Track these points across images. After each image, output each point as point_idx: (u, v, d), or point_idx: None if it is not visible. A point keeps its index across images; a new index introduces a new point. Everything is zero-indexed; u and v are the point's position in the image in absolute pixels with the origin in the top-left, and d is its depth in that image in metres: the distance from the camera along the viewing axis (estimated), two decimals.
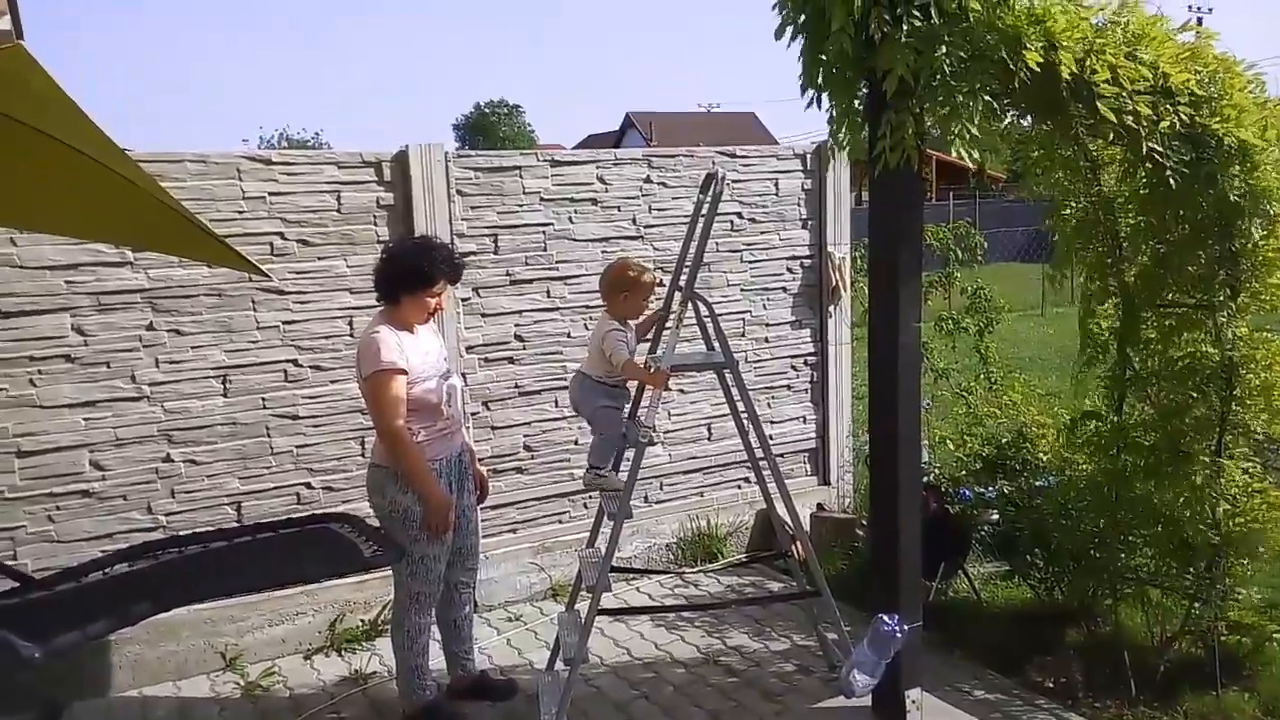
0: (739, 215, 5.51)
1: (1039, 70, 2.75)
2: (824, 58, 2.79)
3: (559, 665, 3.97)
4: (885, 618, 3.19)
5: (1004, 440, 4.82)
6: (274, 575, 3.51)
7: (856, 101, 2.99)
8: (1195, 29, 3.20)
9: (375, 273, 3.66)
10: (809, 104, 2.99)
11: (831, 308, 5.80)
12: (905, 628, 3.18)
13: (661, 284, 4.91)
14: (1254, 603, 3.92)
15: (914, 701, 3.38)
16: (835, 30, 2.62)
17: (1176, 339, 3.70)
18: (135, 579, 3.32)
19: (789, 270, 5.72)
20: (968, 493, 4.83)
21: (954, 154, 2.84)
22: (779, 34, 2.93)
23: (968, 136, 2.72)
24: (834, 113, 2.96)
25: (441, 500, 3.54)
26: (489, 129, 61.19)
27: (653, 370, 3.62)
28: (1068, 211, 3.99)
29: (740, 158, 5.54)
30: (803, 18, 2.86)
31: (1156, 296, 3.70)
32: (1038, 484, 4.54)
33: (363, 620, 4.65)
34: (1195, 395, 3.67)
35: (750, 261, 5.59)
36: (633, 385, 3.95)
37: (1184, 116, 3.09)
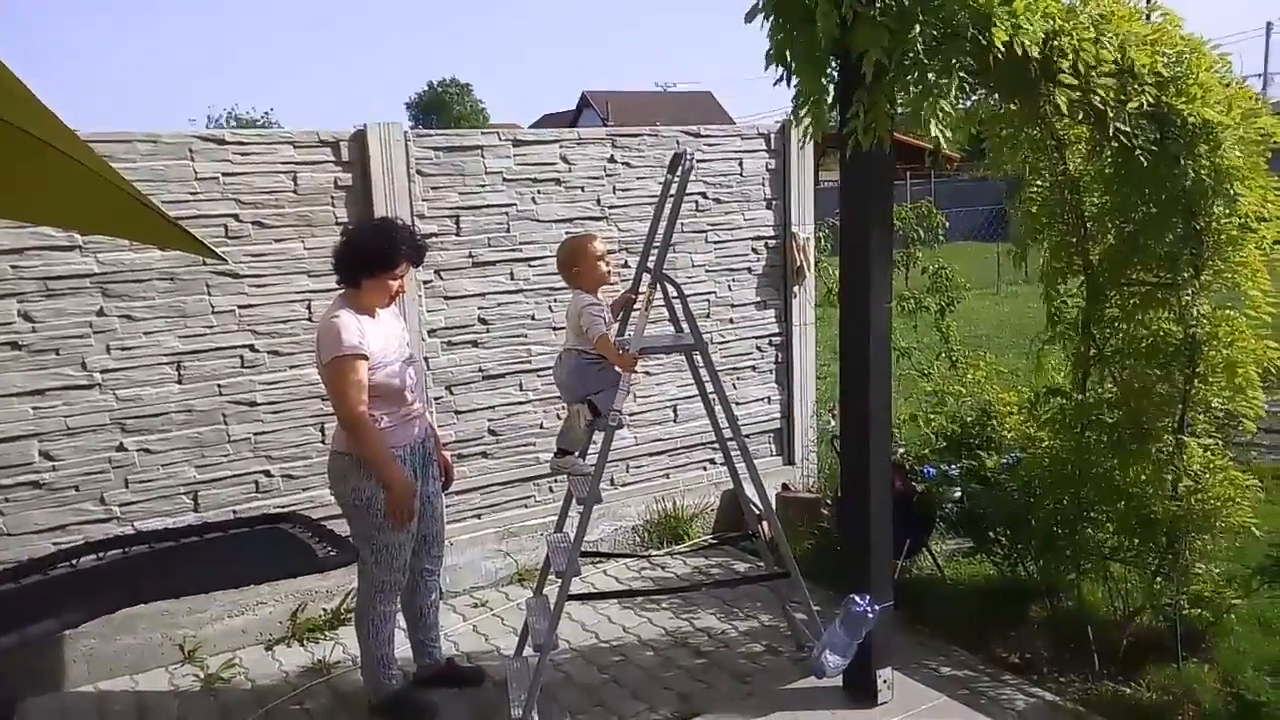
0: (703, 195, 5.47)
1: (1006, 50, 2.74)
2: (795, 35, 2.75)
3: (527, 651, 3.94)
4: (857, 598, 3.20)
5: (968, 419, 4.85)
6: (224, 577, 3.42)
7: (825, 80, 2.96)
8: (1162, 10, 3.21)
9: (335, 256, 3.57)
10: (776, 81, 2.95)
11: (796, 288, 5.80)
12: (877, 607, 3.19)
13: (627, 265, 4.89)
14: (1213, 576, 3.99)
15: (885, 681, 3.39)
16: (818, 9, 2.58)
17: (1140, 317, 3.73)
18: (78, 580, 3.22)
19: (754, 251, 5.70)
20: (931, 470, 4.86)
21: (924, 134, 2.82)
22: (750, 17, 2.89)
23: (940, 115, 2.69)
24: (802, 91, 2.92)
25: (405, 487, 3.48)
26: (443, 107, 60.52)
27: (621, 353, 3.57)
28: (1033, 191, 4.01)
29: (704, 137, 5.49)
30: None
31: (1121, 275, 3.73)
32: (1002, 461, 4.57)
33: (325, 609, 4.57)
34: (1159, 373, 3.71)
35: (715, 242, 5.56)
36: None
37: (1150, 97, 3.09)
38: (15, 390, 3.95)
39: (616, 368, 3.60)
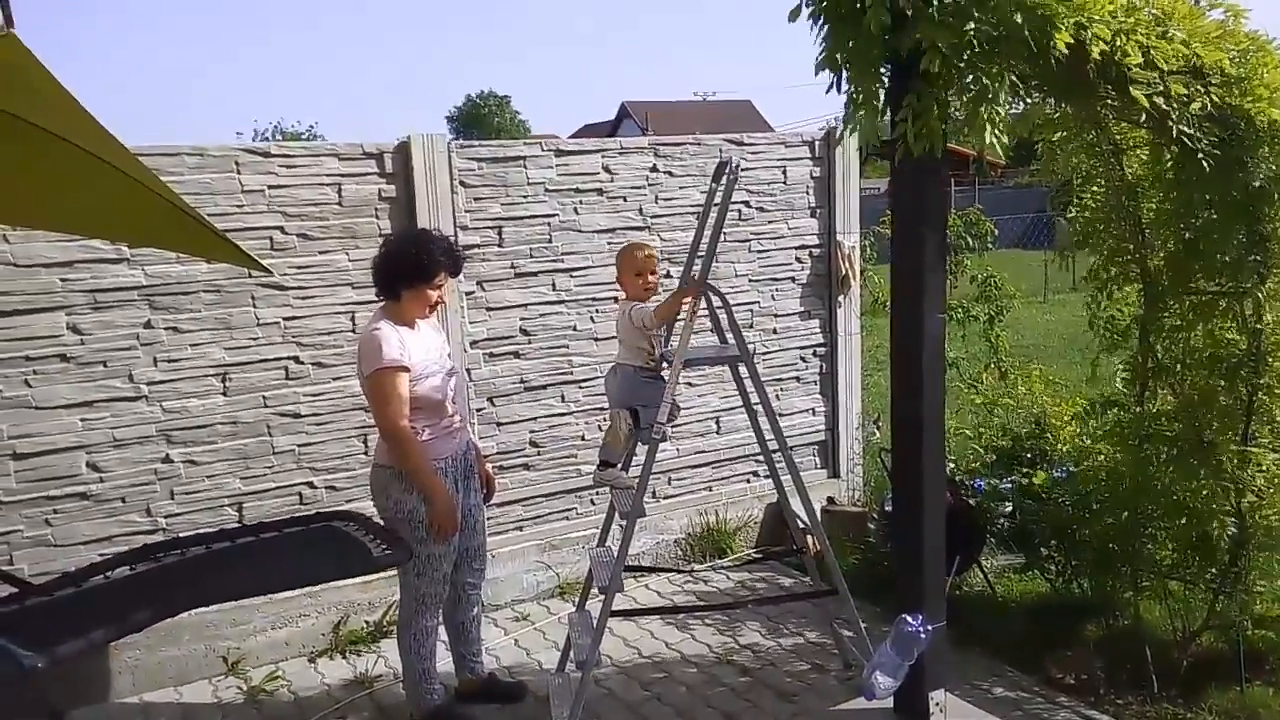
0: (746, 204, 5.41)
1: (1068, 51, 2.65)
2: (846, 37, 2.68)
3: (570, 667, 3.89)
4: (909, 618, 3.10)
5: (1021, 431, 4.73)
6: (283, 576, 3.42)
7: (877, 85, 2.88)
8: (1225, 5, 3.09)
9: (373, 268, 3.57)
10: (829, 88, 2.87)
11: (841, 297, 5.71)
12: (930, 628, 3.09)
13: (670, 275, 4.84)
14: (1278, 595, 3.84)
15: (937, 703, 3.29)
16: (872, 5, 2.51)
17: (1202, 326, 3.60)
18: (138, 583, 3.23)
19: (798, 260, 5.62)
20: (982, 484, 4.75)
21: (977, 141, 2.74)
22: (794, 16, 2.82)
23: (996, 119, 2.61)
24: (855, 95, 2.85)
25: (446, 501, 3.45)
26: (482, 120, 60.90)
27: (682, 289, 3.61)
28: (1087, 196, 3.90)
29: (747, 145, 5.43)
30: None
31: (1181, 283, 3.60)
32: (1055, 475, 4.46)
33: (367, 622, 4.56)
34: (1221, 384, 3.59)
35: (759, 251, 5.49)
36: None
37: (1215, 97, 2.99)
38: (64, 402, 3.99)
39: (683, 305, 3.62)
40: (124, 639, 3.61)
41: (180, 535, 3.94)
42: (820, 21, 2.73)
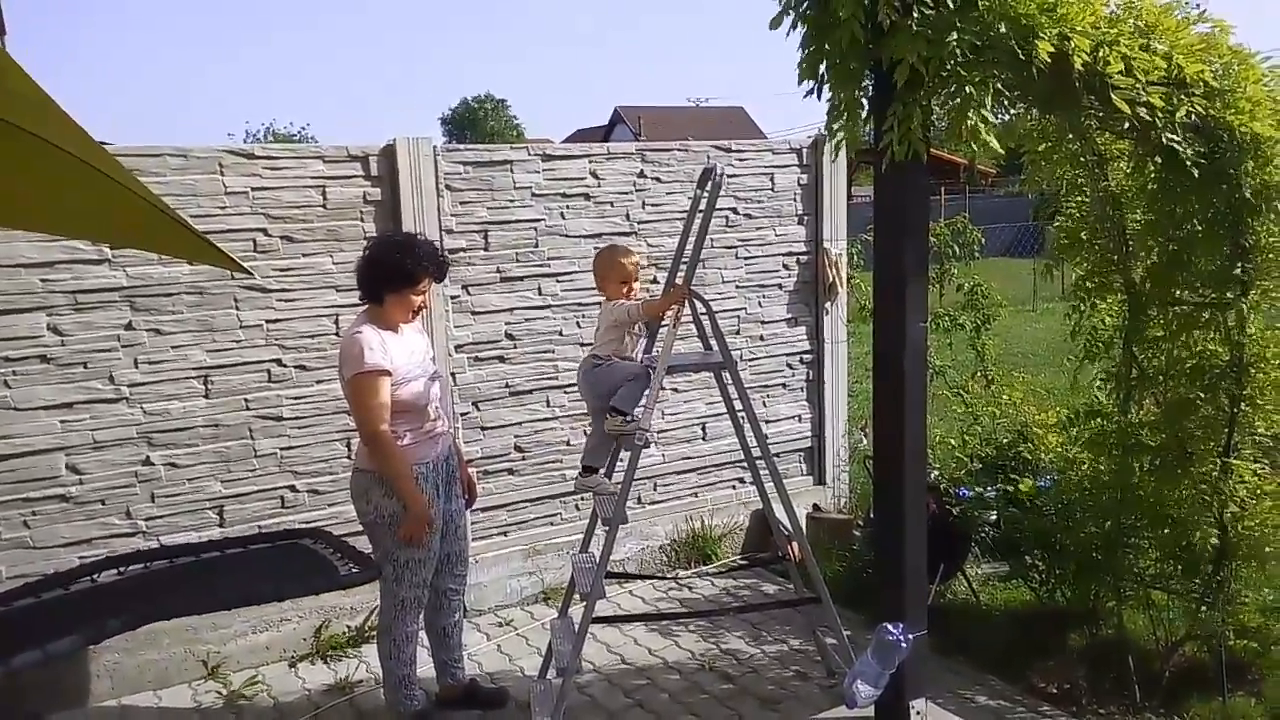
0: (734, 211, 5.41)
1: (1051, 61, 2.65)
2: (827, 47, 2.68)
3: (551, 674, 3.87)
4: (890, 626, 3.10)
5: (1004, 440, 4.74)
6: (248, 594, 3.39)
7: (859, 92, 2.89)
8: (1210, 19, 3.10)
9: (357, 272, 3.55)
10: (808, 94, 2.88)
11: (828, 304, 5.71)
12: (910, 636, 3.09)
13: (656, 281, 4.83)
14: (1261, 605, 3.85)
15: (918, 712, 3.29)
16: (845, 18, 2.51)
17: (1185, 337, 3.61)
18: (103, 595, 3.21)
19: (785, 266, 5.62)
20: (966, 492, 4.75)
21: (961, 148, 2.75)
22: (776, 23, 2.82)
23: (980, 127, 2.62)
24: (836, 104, 2.85)
25: (422, 508, 3.42)
26: (477, 123, 60.84)
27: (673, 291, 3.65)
28: (1072, 207, 3.91)
29: (735, 152, 5.43)
30: (804, 5, 2.75)
31: (1164, 293, 3.61)
32: (1039, 484, 4.46)
33: (349, 626, 4.54)
34: (1204, 395, 3.59)
35: (746, 258, 5.49)
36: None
37: (1198, 108, 2.99)
38: (43, 403, 3.96)
39: (666, 314, 3.67)
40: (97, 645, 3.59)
41: (143, 550, 3.90)
42: (801, 30, 2.73)
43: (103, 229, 3.49)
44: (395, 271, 3.46)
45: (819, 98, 2.88)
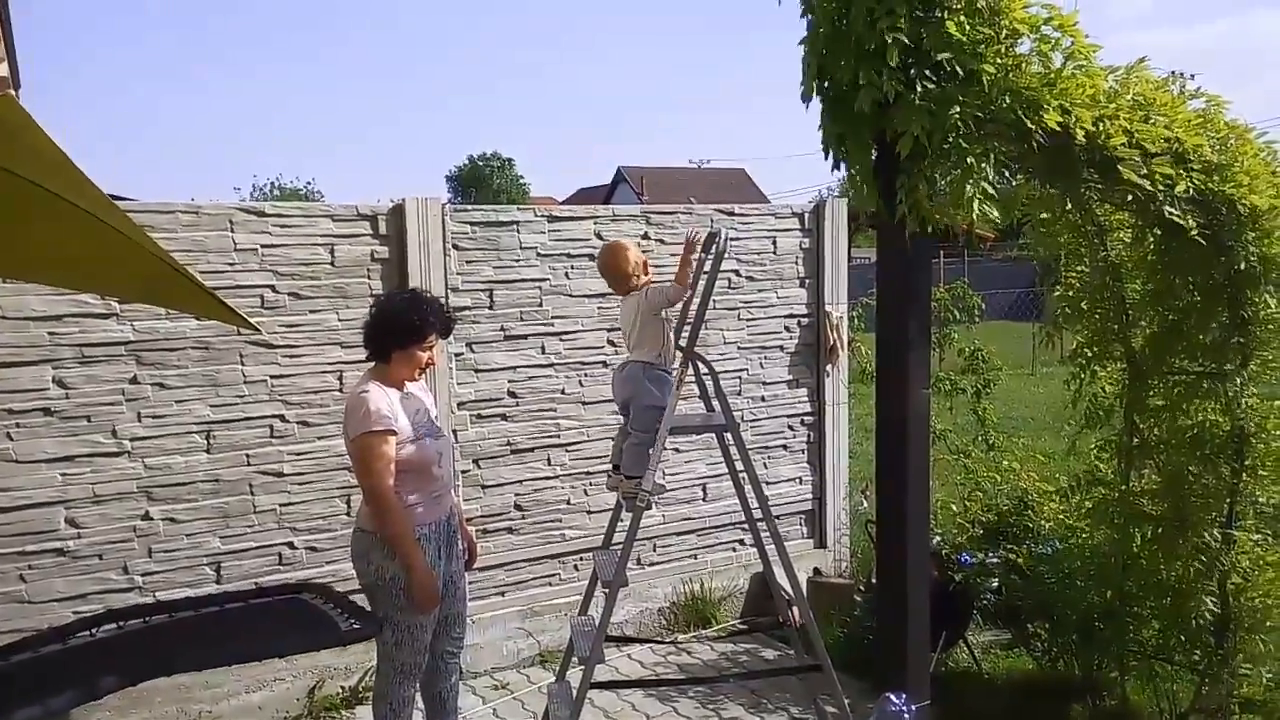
0: (736, 273, 5.46)
1: (1056, 132, 2.71)
2: (848, 119, 2.75)
3: None
4: (892, 697, 3.07)
5: (1004, 507, 4.72)
6: (249, 650, 3.34)
7: (871, 163, 2.95)
8: (1205, 96, 3.17)
9: (364, 329, 3.57)
10: (834, 166, 2.95)
11: (829, 367, 5.73)
12: (913, 708, 3.05)
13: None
14: (1264, 678, 3.81)
15: None
16: (863, 87, 2.58)
17: (1185, 406, 3.63)
18: (102, 650, 3.16)
19: (786, 329, 5.65)
20: (968, 558, 4.72)
21: (963, 216, 2.79)
22: (806, 97, 2.90)
23: (981, 196, 2.66)
24: (853, 171, 2.92)
25: (426, 574, 3.37)
26: (482, 181, 61.44)
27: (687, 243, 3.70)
28: (1072, 275, 3.95)
29: (738, 215, 5.50)
30: (826, 84, 2.82)
31: (1164, 363, 3.64)
32: (1041, 550, 4.43)
33: (343, 687, 4.48)
34: (1204, 464, 3.60)
35: (748, 320, 5.53)
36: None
37: (1196, 182, 3.05)
38: (45, 456, 3.95)
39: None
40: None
41: (142, 604, 3.86)
42: (820, 102, 2.80)
43: (112, 283, 3.52)
44: (403, 328, 3.47)
45: (841, 169, 2.96)
